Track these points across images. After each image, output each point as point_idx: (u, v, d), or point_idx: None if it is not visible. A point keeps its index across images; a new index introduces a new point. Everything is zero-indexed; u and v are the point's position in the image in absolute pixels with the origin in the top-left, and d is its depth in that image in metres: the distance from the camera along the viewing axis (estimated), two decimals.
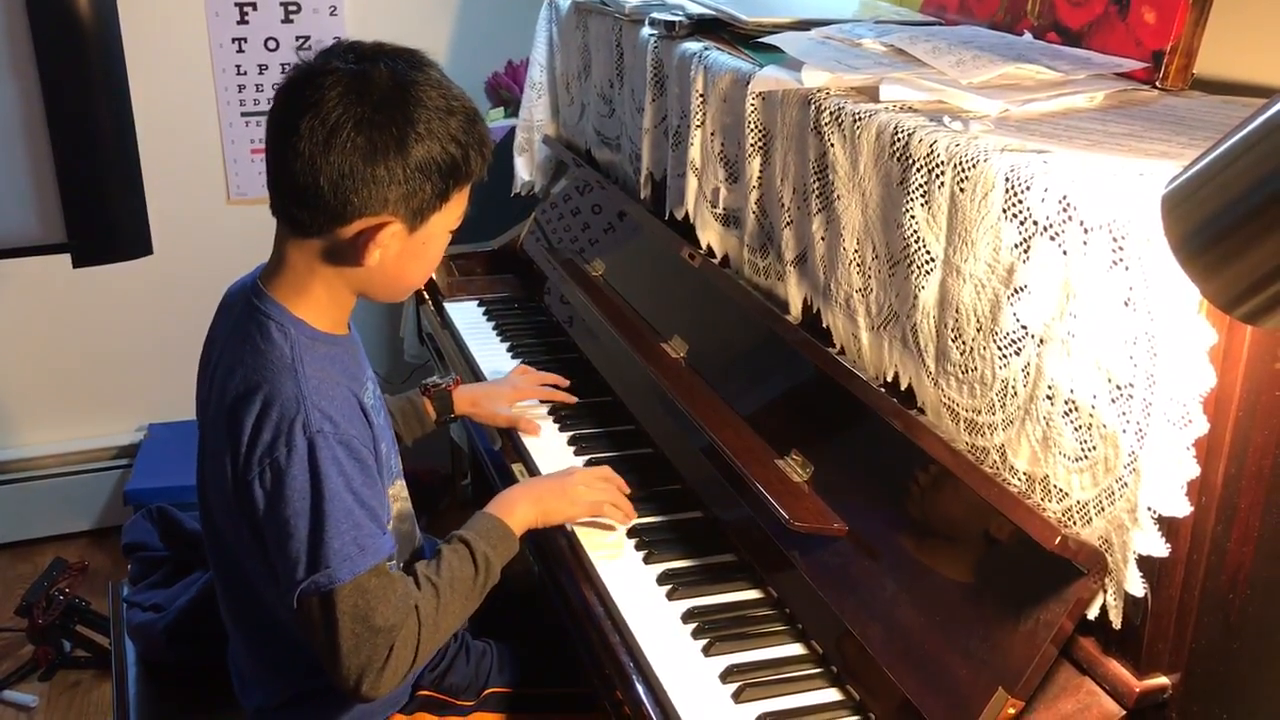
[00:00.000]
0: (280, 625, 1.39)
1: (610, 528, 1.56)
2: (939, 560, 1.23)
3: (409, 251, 1.33)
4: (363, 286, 1.36)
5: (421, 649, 1.31)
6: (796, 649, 1.35)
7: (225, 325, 1.40)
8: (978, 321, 1.18)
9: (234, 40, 2.91)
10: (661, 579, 1.46)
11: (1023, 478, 1.15)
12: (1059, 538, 1.07)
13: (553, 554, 1.55)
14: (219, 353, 1.38)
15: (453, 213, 1.35)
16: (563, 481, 1.56)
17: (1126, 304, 1.00)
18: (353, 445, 1.29)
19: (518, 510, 1.48)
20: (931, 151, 1.20)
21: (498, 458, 1.80)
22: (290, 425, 1.26)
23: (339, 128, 1.23)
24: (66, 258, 2.52)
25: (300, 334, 1.32)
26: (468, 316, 2.28)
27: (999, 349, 1.15)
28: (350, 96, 1.24)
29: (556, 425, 1.84)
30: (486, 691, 1.54)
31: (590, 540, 1.54)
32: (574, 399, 1.87)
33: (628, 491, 1.60)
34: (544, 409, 1.88)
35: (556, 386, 1.88)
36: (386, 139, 1.24)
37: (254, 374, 1.29)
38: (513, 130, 2.57)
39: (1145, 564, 1.03)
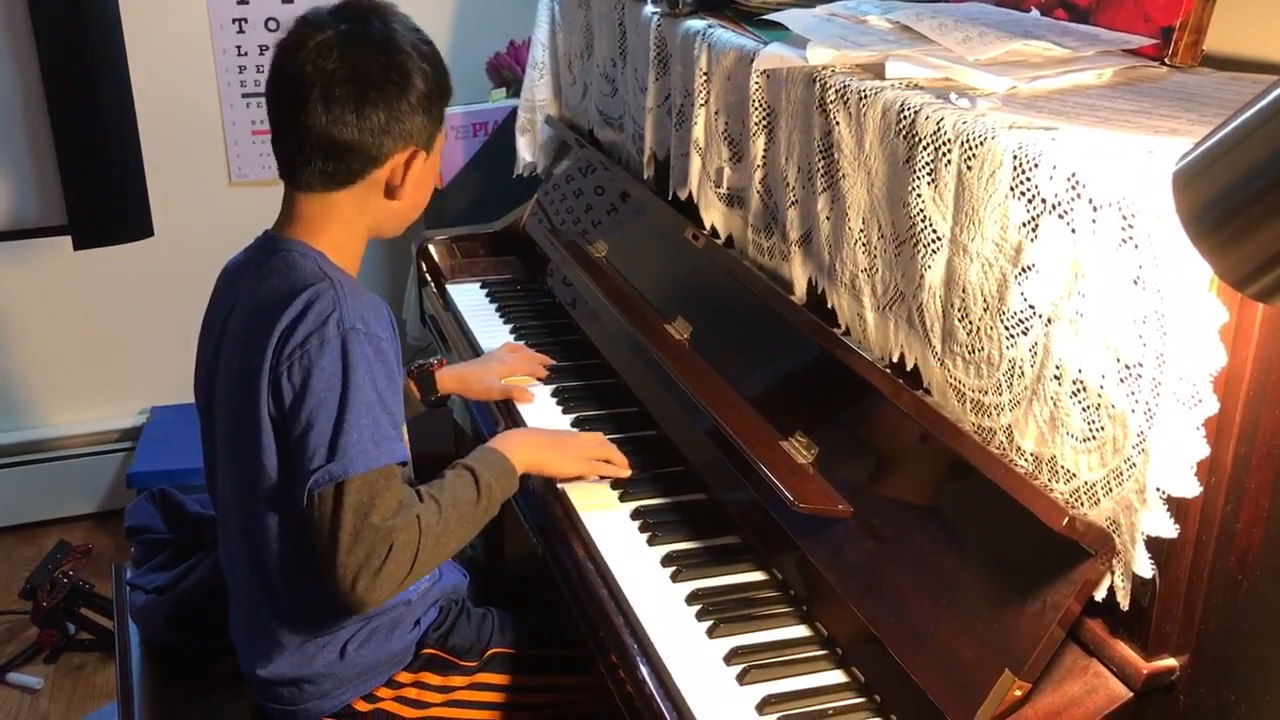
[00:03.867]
0: (296, 569, 1.42)
1: (601, 487, 1.60)
2: (945, 541, 1.22)
3: (423, 178, 1.45)
4: (377, 221, 1.46)
5: (419, 560, 1.34)
6: (801, 631, 1.35)
7: (235, 286, 1.45)
8: (985, 301, 1.17)
9: (234, 21, 2.89)
10: (665, 561, 1.45)
11: (1030, 458, 1.14)
12: (1066, 519, 1.06)
13: (555, 533, 1.54)
14: (237, 306, 1.42)
15: (443, 130, 1.49)
16: (562, 438, 1.65)
17: (1136, 282, 0.99)
18: (381, 347, 1.36)
19: (520, 451, 1.55)
20: (938, 129, 1.19)
21: None
22: (325, 321, 1.33)
23: (367, 79, 1.35)
24: (67, 240, 2.51)
25: (323, 259, 1.41)
26: (470, 298, 2.27)
27: (1006, 329, 1.14)
28: (360, 51, 1.36)
29: (560, 407, 1.83)
30: (489, 652, 1.56)
31: (578, 493, 1.58)
32: (549, 373, 1.91)
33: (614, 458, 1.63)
34: (547, 389, 1.87)
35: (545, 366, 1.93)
36: (401, 80, 1.38)
37: (287, 286, 1.37)
38: (514, 111, 2.56)
39: (1153, 545, 1.02)
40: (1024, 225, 1.10)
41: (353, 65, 1.35)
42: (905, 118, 1.24)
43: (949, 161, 1.18)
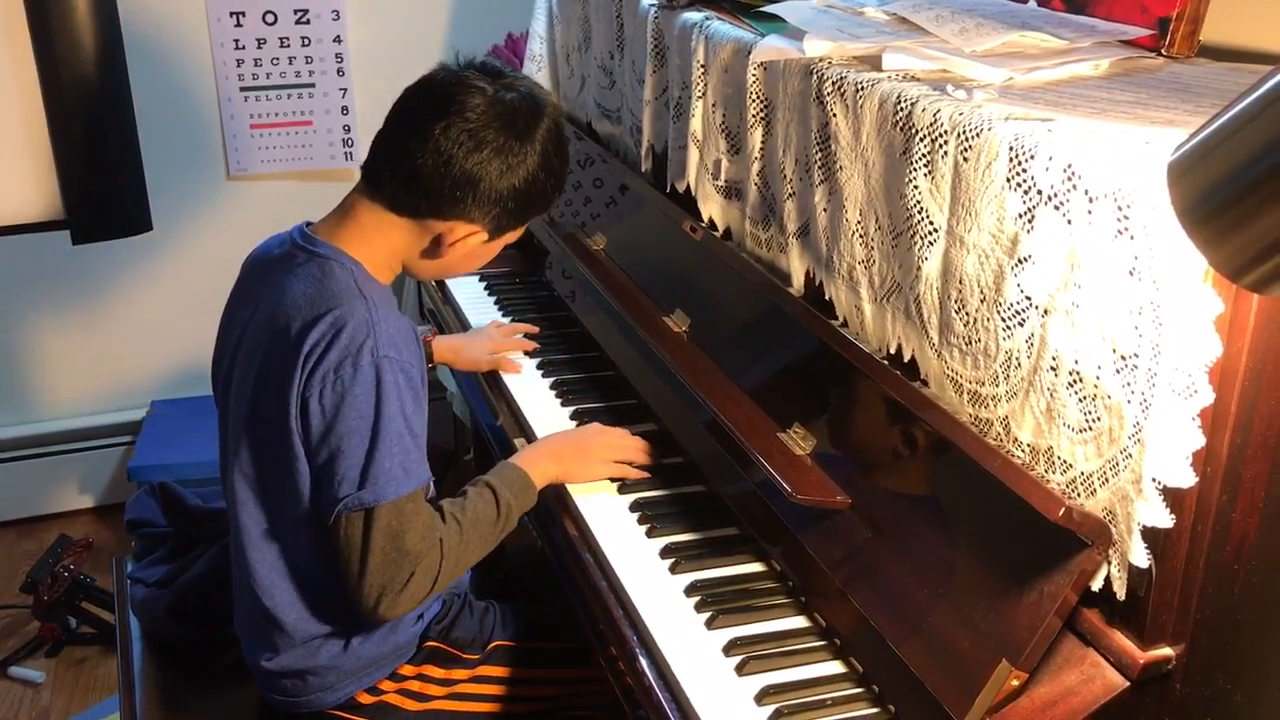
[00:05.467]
0: (310, 566, 1.43)
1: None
2: (942, 532, 1.22)
3: (473, 254, 1.47)
4: (415, 263, 1.47)
5: (440, 579, 1.39)
6: (799, 622, 1.35)
7: (264, 280, 1.44)
8: (981, 292, 1.17)
9: (232, 14, 2.88)
10: (664, 553, 1.46)
11: (1026, 449, 1.15)
12: (1063, 509, 1.06)
13: (555, 527, 1.55)
14: (263, 304, 1.42)
15: (519, 232, 1.50)
16: (586, 443, 1.63)
17: (1131, 273, 0.99)
18: (411, 374, 1.38)
19: (541, 466, 1.56)
20: (935, 121, 1.19)
21: (500, 434, 1.80)
22: (359, 348, 1.33)
23: (484, 143, 1.37)
24: (66, 235, 2.51)
25: (359, 271, 1.41)
26: (469, 291, 2.27)
27: (1003, 320, 1.14)
28: (498, 119, 1.38)
29: (559, 400, 1.83)
30: (491, 645, 1.57)
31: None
32: (537, 346, 1.97)
33: (647, 455, 1.64)
34: (547, 383, 1.88)
35: (529, 336, 1.99)
36: (516, 167, 1.39)
37: (321, 303, 1.36)
38: None
39: (1150, 535, 1.02)
40: (1020, 216, 1.10)
41: (482, 126, 1.36)
42: (902, 109, 1.24)
43: (945, 153, 1.18)
